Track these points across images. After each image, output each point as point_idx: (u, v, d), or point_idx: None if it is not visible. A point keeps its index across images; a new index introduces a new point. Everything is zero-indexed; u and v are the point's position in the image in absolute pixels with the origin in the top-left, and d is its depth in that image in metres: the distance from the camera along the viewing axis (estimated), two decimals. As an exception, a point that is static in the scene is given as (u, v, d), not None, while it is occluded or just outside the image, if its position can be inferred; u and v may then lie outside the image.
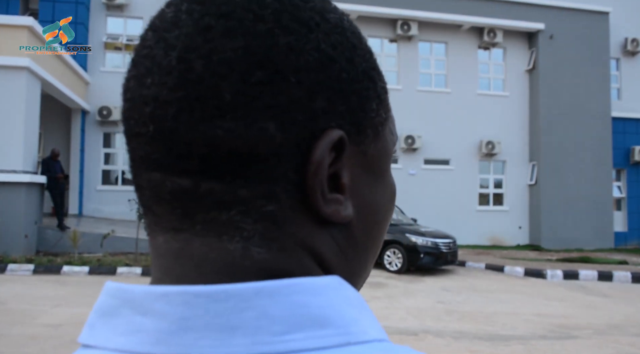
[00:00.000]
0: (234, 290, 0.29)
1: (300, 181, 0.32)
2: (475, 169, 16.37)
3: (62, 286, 7.72)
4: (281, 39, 0.31)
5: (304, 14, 0.33)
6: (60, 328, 5.36)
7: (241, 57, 0.30)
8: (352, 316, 0.31)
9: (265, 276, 0.31)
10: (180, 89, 0.30)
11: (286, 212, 0.32)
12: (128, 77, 0.34)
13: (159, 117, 0.31)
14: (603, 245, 16.31)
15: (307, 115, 0.32)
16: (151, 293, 0.30)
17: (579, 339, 5.65)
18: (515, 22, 16.25)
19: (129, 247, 10.41)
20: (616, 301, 8.16)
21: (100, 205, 14.26)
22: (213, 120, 0.30)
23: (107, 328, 0.31)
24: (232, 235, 0.32)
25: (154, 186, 0.33)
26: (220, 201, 0.31)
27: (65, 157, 13.43)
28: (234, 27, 0.31)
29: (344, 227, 0.35)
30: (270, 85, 0.31)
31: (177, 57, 0.31)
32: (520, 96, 16.87)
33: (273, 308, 0.29)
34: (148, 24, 0.35)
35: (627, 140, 17.50)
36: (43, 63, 10.43)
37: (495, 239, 16.19)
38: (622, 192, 17.69)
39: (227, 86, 0.30)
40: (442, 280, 9.65)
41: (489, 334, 5.77)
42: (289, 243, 0.33)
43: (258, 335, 0.28)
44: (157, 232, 0.34)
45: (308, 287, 0.31)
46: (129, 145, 0.34)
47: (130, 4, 14.73)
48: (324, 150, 0.32)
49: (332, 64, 0.33)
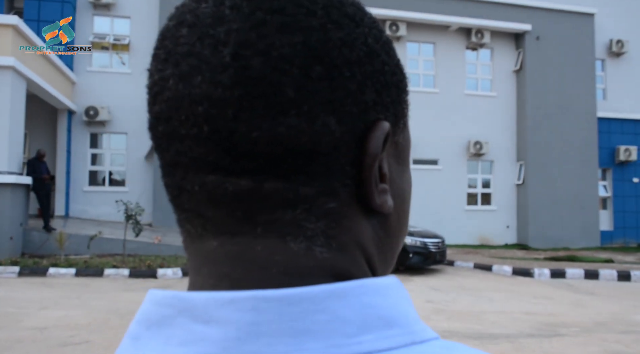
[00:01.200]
0: (306, 293, 0.29)
1: (355, 174, 0.32)
2: (464, 169, 16.47)
3: (48, 288, 7.64)
4: (334, 33, 0.32)
5: (349, 9, 0.34)
6: (46, 331, 5.29)
7: (300, 52, 0.30)
8: (413, 316, 0.32)
9: (328, 276, 0.31)
10: (238, 87, 0.29)
11: (344, 208, 0.32)
12: (163, 76, 0.32)
13: (215, 116, 0.30)
14: (589, 244, 16.50)
15: (360, 107, 0.32)
16: (216, 299, 0.29)
17: (566, 337, 5.70)
18: (502, 23, 16.38)
19: (117, 248, 10.33)
20: (602, 299, 8.25)
21: (87, 206, 14.13)
22: (276, 117, 0.30)
23: (158, 340, 0.30)
24: (295, 234, 0.31)
25: (210, 189, 0.31)
26: (284, 201, 0.31)
27: (51, 157, 13.29)
28: (289, 22, 0.30)
29: (383, 217, 0.35)
30: (328, 79, 0.31)
31: (231, 53, 0.30)
32: (507, 96, 17.01)
33: (344, 310, 0.29)
34: (176, 19, 0.33)
35: (612, 140, 17.72)
36: (28, 62, 10.32)
37: (484, 238, 16.30)
38: (608, 191, 17.91)
39: (289, 82, 0.30)
40: (431, 279, 9.69)
41: (477, 332, 5.80)
42: (345, 239, 0.33)
43: (331, 338, 0.28)
44: (207, 236, 0.32)
45: (374, 288, 0.31)
46: (170, 148, 0.32)
47: (117, 4, 14.62)
48: (379, 141, 0.32)
49: (377, 57, 0.34)
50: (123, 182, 14.75)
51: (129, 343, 0.31)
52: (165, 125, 0.32)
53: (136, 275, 8.81)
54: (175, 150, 0.32)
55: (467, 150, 16.34)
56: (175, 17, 0.34)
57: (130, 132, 14.51)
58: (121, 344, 0.32)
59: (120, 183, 14.80)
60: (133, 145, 14.55)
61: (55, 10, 13.51)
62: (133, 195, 13.57)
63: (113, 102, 14.31)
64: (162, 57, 0.33)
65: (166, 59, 0.32)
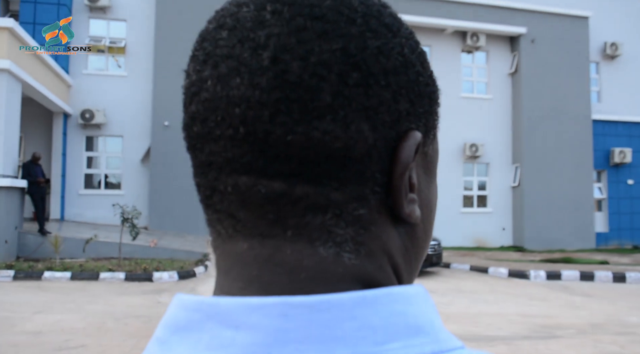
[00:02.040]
0: (335, 300, 0.29)
1: (385, 182, 0.33)
2: (460, 171, 16.51)
3: (43, 292, 7.60)
4: (372, 42, 0.32)
5: (387, 19, 0.34)
6: (41, 335, 5.27)
7: (338, 58, 0.31)
8: (439, 324, 0.32)
9: (356, 283, 0.31)
10: (276, 90, 0.30)
11: (373, 215, 0.33)
12: (201, 77, 0.32)
13: (252, 118, 0.30)
14: (585, 246, 16.55)
15: (393, 116, 0.33)
16: (245, 305, 0.29)
17: (562, 339, 5.71)
18: (497, 26, 16.45)
19: (112, 252, 10.29)
20: (598, 300, 8.28)
21: (83, 209, 14.08)
22: (312, 121, 0.30)
23: (185, 344, 0.30)
24: (325, 240, 0.31)
25: (243, 190, 0.31)
26: (315, 205, 0.31)
27: (46, 160, 13.25)
28: (328, 29, 0.31)
29: (410, 227, 0.36)
30: (364, 87, 0.31)
31: (271, 57, 0.30)
32: (503, 99, 17.06)
33: (373, 318, 0.29)
34: (217, 22, 0.34)
35: (607, 142, 17.80)
36: (24, 65, 10.29)
37: (480, 240, 16.33)
38: (603, 193, 17.97)
39: (327, 87, 0.30)
40: (427, 281, 9.70)
41: (473, 335, 5.81)
42: (374, 247, 0.33)
43: (360, 345, 0.28)
44: (237, 238, 0.32)
45: (402, 296, 0.31)
46: (204, 148, 0.33)
47: (113, 6, 14.59)
48: (410, 150, 0.33)
49: (412, 68, 0.35)
50: (119, 185, 14.70)
51: (156, 346, 0.31)
52: (201, 125, 0.32)
53: (132, 279, 8.78)
54: (210, 150, 0.32)
55: (463, 152, 16.38)
56: (215, 20, 0.34)
57: (126, 135, 14.48)
58: (147, 348, 0.32)
59: (116, 186, 14.75)
60: (129, 148, 14.51)
61: (51, 12, 13.48)
62: (129, 198, 13.54)
63: (109, 105, 14.27)
64: (201, 59, 0.33)
65: (205, 61, 0.32)
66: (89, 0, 14.10)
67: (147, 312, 6.32)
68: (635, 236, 17.86)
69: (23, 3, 13.56)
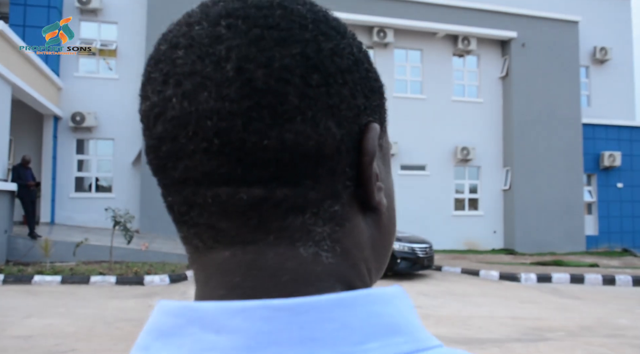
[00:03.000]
0: (314, 302, 0.29)
1: (354, 175, 0.34)
2: (451, 174, 16.57)
3: (33, 296, 7.54)
4: (325, 44, 0.34)
5: (333, 22, 0.36)
6: (31, 339, 5.22)
7: (299, 62, 0.32)
8: (417, 324, 0.33)
9: (333, 282, 0.33)
10: (245, 99, 0.31)
11: (346, 209, 0.34)
12: (165, 97, 0.32)
13: (225, 129, 0.31)
14: (575, 249, 16.66)
15: (354, 111, 0.34)
16: (227, 309, 0.29)
17: (552, 341, 5.74)
18: (488, 30, 16.56)
19: (103, 255, 10.22)
20: (588, 303, 8.33)
21: (73, 212, 13.97)
22: (284, 124, 0.31)
23: (168, 350, 0.30)
24: (305, 240, 0.32)
25: (224, 200, 0.32)
26: (294, 206, 0.32)
27: (36, 163, 13.14)
28: (285, 36, 0.32)
29: (376, 216, 0.37)
30: (325, 86, 0.33)
31: (235, 68, 0.31)
32: (494, 102, 17.16)
33: (352, 319, 0.30)
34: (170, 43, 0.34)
35: (596, 146, 17.94)
36: (14, 67, 10.22)
37: (471, 243, 16.38)
38: (593, 196, 18.11)
39: (293, 90, 0.31)
40: (419, 284, 9.72)
41: (465, 338, 5.83)
42: (347, 243, 0.34)
43: (339, 346, 0.28)
44: (218, 248, 0.33)
45: (380, 297, 0.32)
46: (177, 166, 0.33)
47: (104, 9, 14.54)
48: (374, 141, 0.35)
49: (362, 65, 0.36)
50: (110, 189, 14.61)
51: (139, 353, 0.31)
52: (171, 143, 0.32)
53: (123, 282, 8.73)
54: (184, 167, 0.32)
55: (454, 155, 16.45)
56: (166, 41, 0.34)
57: (117, 138, 14.40)
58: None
59: (107, 190, 14.66)
60: (120, 151, 14.44)
61: (41, 15, 13.40)
62: (120, 201, 13.45)
63: (100, 108, 14.20)
64: (159, 80, 0.33)
65: (165, 81, 0.33)
66: (79, 3, 14.03)
67: (138, 316, 6.28)
68: (624, 239, 18.00)
69: (13, 5, 13.47)
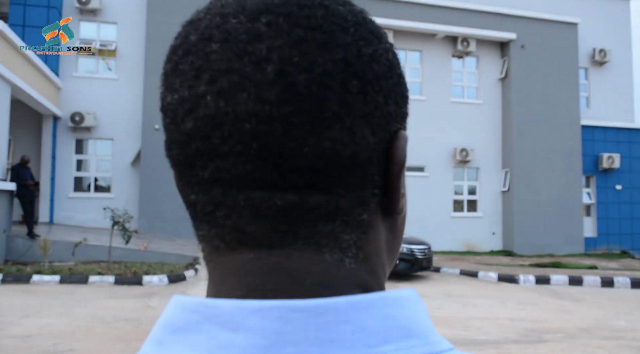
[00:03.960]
0: (332, 303, 0.29)
1: (383, 183, 0.34)
2: (450, 176, 16.58)
3: (32, 296, 7.53)
4: (365, 49, 0.33)
5: (372, 26, 0.35)
6: (30, 339, 5.22)
7: (341, 68, 0.31)
8: (430, 327, 0.33)
9: (353, 286, 0.33)
10: (286, 104, 0.30)
11: (372, 217, 0.34)
12: (195, 93, 0.31)
13: (264, 133, 0.30)
14: (573, 250, 16.67)
15: (386, 119, 0.34)
16: (244, 307, 0.29)
17: (551, 343, 5.75)
18: (488, 32, 16.58)
19: (102, 255, 10.22)
20: (586, 305, 8.34)
21: (72, 212, 13.97)
22: (323, 132, 0.31)
23: (182, 345, 0.30)
24: (332, 246, 0.32)
25: (256, 204, 0.31)
26: (326, 214, 0.32)
27: (35, 163, 13.14)
28: (328, 39, 0.31)
29: (393, 220, 0.37)
30: (363, 93, 0.32)
31: (276, 70, 0.30)
32: (493, 104, 17.18)
33: (368, 321, 0.30)
34: (204, 34, 0.32)
35: (595, 148, 17.96)
36: (13, 67, 10.21)
37: (470, 245, 16.39)
38: (592, 198, 18.12)
39: (333, 97, 0.31)
40: (418, 285, 9.72)
41: (463, 339, 5.83)
42: (369, 249, 0.34)
43: (354, 348, 0.29)
44: (240, 250, 0.32)
45: (396, 300, 0.32)
46: (208, 165, 0.32)
47: (104, 9, 14.54)
48: (404, 150, 0.35)
49: (395, 70, 0.36)
50: (109, 188, 14.61)
51: (152, 347, 0.31)
52: (202, 142, 0.31)
53: (121, 282, 8.72)
54: (215, 167, 0.31)
55: (454, 157, 16.46)
56: (197, 31, 0.33)
57: (116, 138, 14.40)
58: (143, 348, 0.32)
59: (105, 190, 14.66)
60: (119, 151, 14.44)
61: (41, 15, 13.40)
62: (119, 201, 13.45)
63: (99, 108, 14.20)
64: (190, 74, 0.32)
65: (197, 76, 0.32)
66: (79, 3, 14.03)
67: (137, 316, 6.28)
68: (623, 241, 18.02)
69: (12, 5, 13.47)
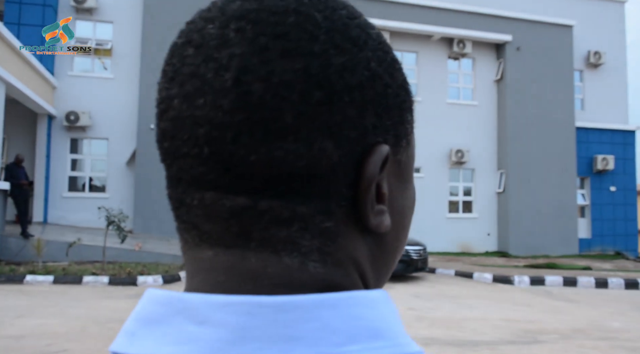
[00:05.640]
0: (299, 301, 0.29)
1: (352, 196, 0.33)
2: (445, 177, 16.61)
3: (25, 296, 7.49)
4: (335, 59, 0.32)
5: (353, 32, 0.33)
6: (22, 339, 5.19)
7: (300, 78, 0.30)
8: (399, 329, 0.32)
9: (321, 290, 0.32)
10: (239, 112, 0.30)
11: (340, 227, 0.33)
12: (169, 95, 0.33)
13: (215, 139, 0.30)
14: (568, 251, 16.74)
15: (359, 131, 0.32)
16: (212, 302, 0.29)
17: (545, 344, 5.76)
18: (483, 34, 16.63)
19: (96, 255, 10.18)
20: (581, 306, 8.37)
21: (67, 212, 13.91)
22: (275, 142, 0.30)
23: (152, 337, 0.30)
24: (290, 250, 0.32)
25: (208, 205, 0.32)
26: (280, 219, 0.31)
27: (30, 162, 13.08)
28: (291, 48, 0.31)
29: (378, 235, 0.36)
30: (327, 105, 0.31)
31: (233, 78, 0.30)
32: (488, 105, 17.24)
33: (334, 320, 0.29)
34: (185, 37, 0.33)
35: (590, 149, 18.05)
36: (8, 66, 10.16)
37: (465, 246, 16.43)
38: (586, 200, 18.20)
39: (289, 108, 0.30)
40: (413, 286, 9.73)
41: (458, 340, 5.84)
42: (340, 256, 0.33)
43: (319, 346, 0.28)
44: (203, 247, 0.33)
45: (363, 300, 0.31)
46: (173, 164, 0.33)
47: (100, 8, 14.49)
48: (376, 165, 0.33)
49: (379, 81, 0.34)
50: (103, 188, 14.56)
51: (125, 338, 0.31)
52: (170, 142, 0.33)
53: (116, 283, 8.69)
54: (178, 167, 0.33)
55: (449, 158, 16.49)
56: (184, 35, 0.34)
57: (112, 137, 14.35)
58: (116, 340, 0.32)
59: (100, 189, 14.61)
60: (114, 151, 14.39)
61: (37, 14, 13.35)
62: (114, 201, 13.40)
63: (94, 107, 14.15)
64: (169, 75, 0.33)
65: (173, 78, 0.33)
66: (75, 2, 13.98)
67: (131, 316, 6.25)
68: (617, 243, 18.10)
69: (8, 3, 13.41)
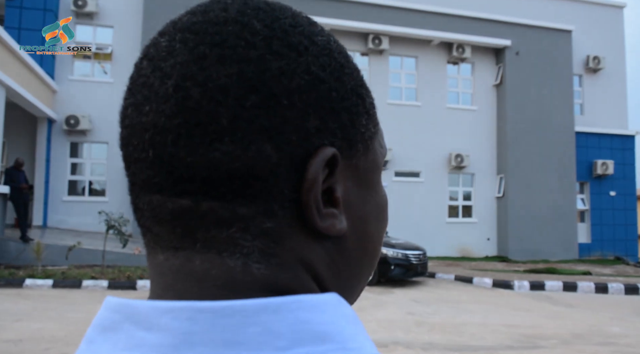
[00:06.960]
0: (239, 305, 0.30)
1: (296, 198, 0.33)
2: (445, 181, 16.62)
3: (24, 300, 7.47)
4: (273, 63, 0.33)
5: (293, 38, 0.34)
6: (21, 343, 5.18)
7: (235, 82, 0.32)
8: (350, 332, 0.32)
9: (266, 292, 0.32)
10: (178, 116, 0.32)
11: (284, 228, 0.33)
12: (125, 105, 0.35)
13: (158, 143, 0.32)
14: (568, 256, 16.72)
15: (300, 134, 0.33)
16: (156, 308, 0.31)
17: (545, 349, 5.75)
18: (483, 38, 16.68)
19: (96, 260, 10.16)
20: (580, 311, 8.36)
21: (66, 216, 13.90)
22: (212, 144, 0.31)
23: (107, 344, 0.32)
24: (232, 251, 0.32)
25: (154, 207, 0.34)
26: (220, 220, 0.32)
27: (30, 166, 13.08)
28: (227, 54, 0.32)
29: (337, 240, 0.36)
30: (264, 108, 0.32)
31: (174, 85, 0.32)
32: (488, 110, 17.26)
33: (277, 324, 0.30)
34: (143, 52, 0.36)
35: (589, 154, 18.07)
36: (8, 70, 10.18)
37: (465, 250, 16.42)
38: (586, 204, 18.21)
39: (224, 111, 0.31)
40: (413, 291, 9.72)
41: (458, 345, 5.83)
42: (287, 258, 0.33)
43: (262, 350, 0.29)
44: (157, 250, 0.35)
45: (310, 304, 0.31)
46: (129, 170, 0.35)
47: (100, 12, 14.53)
48: (317, 167, 0.33)
49: (322, 85, 0.34)
50: (103, 192, 14.55)
51: (85, 345, 0.33)
52: (126, 149, 0.35)
53: (115, 287, 8.67)
54: (132, 172, 0.35)
55: (449, 162, 16.50)
56: (144, 50, 0.36)
57: (112, 141, 14.35)
58: (79, 347, 0.33)
59: (100, 193, 14.60)
60: (114, 155, 14.38)
61: (37, 18, 13.37)
62: (113, 205, 13.39)
63: (94, 111, 14.16)
64: (128, 87, 0.36)
65: (130, 89, 0.35)
66: (75, 6, 14.02)
67: (130, 321, 6.24)
68: (617, 247, 18.10)
69: (8, 8, 13.44)
